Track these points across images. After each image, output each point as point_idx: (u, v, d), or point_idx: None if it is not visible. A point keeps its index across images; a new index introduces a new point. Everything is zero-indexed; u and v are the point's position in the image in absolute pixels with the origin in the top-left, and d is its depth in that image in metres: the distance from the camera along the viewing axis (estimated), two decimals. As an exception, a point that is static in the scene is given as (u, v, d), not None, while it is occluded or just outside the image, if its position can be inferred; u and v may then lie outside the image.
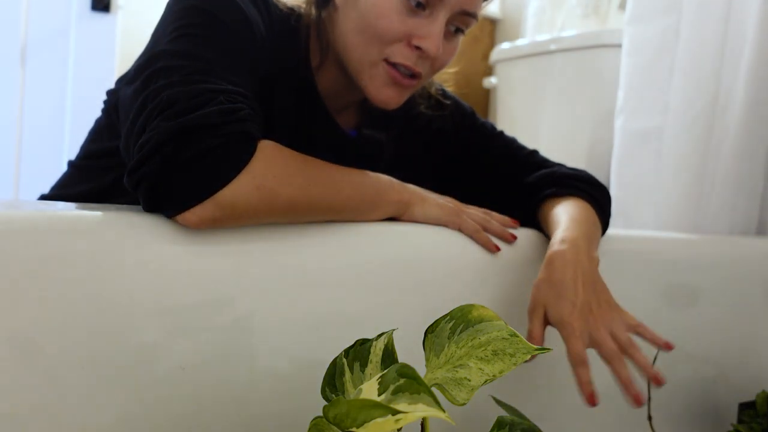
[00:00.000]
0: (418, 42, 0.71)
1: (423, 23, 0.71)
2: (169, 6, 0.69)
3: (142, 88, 0.61)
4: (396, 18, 0.70)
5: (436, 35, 0.71)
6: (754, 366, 1.04)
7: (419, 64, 0.74)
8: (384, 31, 0.71)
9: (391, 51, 0.72)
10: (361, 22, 0.72)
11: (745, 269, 1.05)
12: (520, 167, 0.89)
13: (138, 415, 0.55)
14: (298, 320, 0.63)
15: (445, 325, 0.49)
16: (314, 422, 0.44)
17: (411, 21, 0.71)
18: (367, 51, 0.73)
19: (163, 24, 0.67)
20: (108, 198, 0.79)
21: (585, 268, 0.69)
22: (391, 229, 0.72)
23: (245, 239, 0.61)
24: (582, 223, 0.76)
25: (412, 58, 0.73)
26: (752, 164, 1.13)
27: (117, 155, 0.69)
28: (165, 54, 0.63)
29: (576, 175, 0.86)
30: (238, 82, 0.63)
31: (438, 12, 0.71)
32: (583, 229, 0.74)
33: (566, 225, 0.74)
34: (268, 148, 0.60)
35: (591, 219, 0.79)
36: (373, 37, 0.72)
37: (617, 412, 0.90)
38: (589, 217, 0.79)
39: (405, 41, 0.72)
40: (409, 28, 0.71)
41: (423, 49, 0.71)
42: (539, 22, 1.90)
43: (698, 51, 1.12)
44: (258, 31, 0.70)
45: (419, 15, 0.71)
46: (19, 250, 0.50)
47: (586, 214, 0.78)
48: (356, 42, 0.73)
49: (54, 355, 0.51)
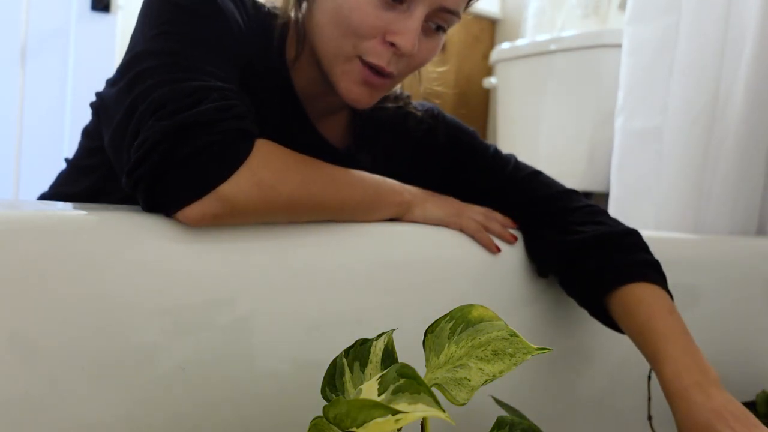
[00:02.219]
0: (392, 38, 0.68)
1: (399, 18, 0.68)
2: (145, 5, 0.67)
3: (127, 89, 0.60)
4: (371, 11, 0.67)
5: (411, 31, 0.68)
6: (754, 366, 1.04)
7: (393, 62, 0.70)
8: (358, 25, 0.68)
9: (365, 48, 0.69)
10: (336, 15, 0.69)
11: (745, 269, 1.05)
12: (518, 194, 0.83)
13: (138, 415, 0.55)
14: (298, 320, 0.63)
15: (445, 325, 0.48)
16: (314, 422, 0.44)
17: (386, 15, 0.68)
18: (340, 45, 0.70)
19: (140, 23, 0.66)
20: (100, 195, 0.79)
21: (728, 409, 0.61)
22: (391, 229, 0.72)
23: (245, 239, 0.61)
24: (682, 333, 0.68)
25: (386, 57, 0.69)
26: (752, 164, 1.13)
27: (102, 153, 0.69)
28: (147, 54, 0.62)
29: (622, 242, 0.77)
30: (226, 78, 0.62)
31: (415, 7, 0.68)
32: (687, 343, 0.67)
33: (672, 352, 0.66)
34: (265, 145, 0.60)
35: (678, 315, 0.70)
36: (347, 30, 0.68)
37: (617, 412, 0.90)
38: (675, 313, 0.70)
39: (379, 37, 0.69)
40: (384, 22, 0.68)
41: (397, 45, 0.68)
42: (539, 22, 1.90)
43: (698, 51, 1.12)
44: (236, 25, 0.69)
45: (396, 9, 0.68)
46: (19, 249, 0.50)
47: (671, 309, 0.70)
48: (330, 35, 0.70)
49: (54, 355, 0.51)
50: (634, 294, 0.72)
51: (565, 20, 1.83)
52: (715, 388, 0.62)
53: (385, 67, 0.70)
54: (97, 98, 0.77)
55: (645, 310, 0.70)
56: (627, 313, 0.72)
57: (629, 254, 0.75)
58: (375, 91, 0.73)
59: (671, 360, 0.65)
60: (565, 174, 1.62)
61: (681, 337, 0.67)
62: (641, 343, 0.70)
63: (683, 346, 0.66)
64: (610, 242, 0.76)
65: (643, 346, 0.69)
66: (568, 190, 0.84)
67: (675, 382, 0.64)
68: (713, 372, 0.64)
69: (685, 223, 1.14)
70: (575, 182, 1.61)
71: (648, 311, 0.70)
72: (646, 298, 0.71)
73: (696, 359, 0.65)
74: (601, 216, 0.80)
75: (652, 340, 0.68)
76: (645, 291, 0.72)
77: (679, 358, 0.65)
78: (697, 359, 0.65)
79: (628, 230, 0.79)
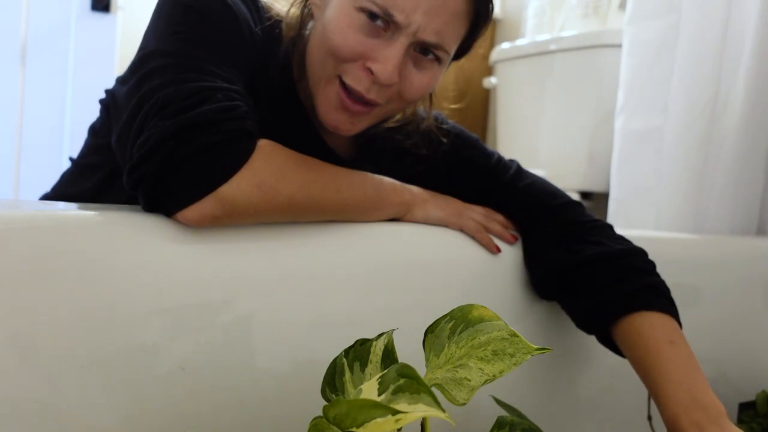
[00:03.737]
0: (371, 65, 0.66)
1: (381, 45, 0.66)
2: (158, 5, 0.68)
3: (136, 88, 0.61)
4: (352, 36, 0.66)
5: (390, 60, 0.66)
6: (754, 366, 1.04)
7: (372, 90, 0.68)
8: (338, 48, 0.67)
9: (345, 69, 0.68)
10: (322, 37, 0.68)
11: (745, 269, 1.05)
12: (519, 204, 0.81)
13: (138, 415, 0.55)
14: (298, 320, 0.63)
15: (445, 325, 0.48)
16: (314, 422, 0.44)
17: (369, 42, 0.66)
18: (323, 66, 0.69)
19: (153, 23, 0.67)
20: (104, 193, 0.79)
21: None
22: (391, 229, 0.72)
23: (245, 239, 0.61)
24: (682, 366, 0.65)
25: (365, 83, 0.68)
26: (752, 164, 1.13)
27: (109, 151, 0.69)
28: (157, 53, 0.62)
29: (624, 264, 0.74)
30: (232, 79, 0.62)
31: (398, 37, 0.66)
32: (687, 376, 0.64)
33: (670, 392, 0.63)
34: (267, 146, 0.60)
35: (680, 343, 0.67)
36: (328, 52, 0.68)
37: (617, 412, 0.90)
38: (677, 341, 0.67)
39: (360, 62, 0.67)
40: (365, 48, 0.66)
41: (375, 73, 0.66)
42: (539, 22, 1.90)
43: (698, 51, 1.12)
44: (247, 28, 0.69)
45: (379, 37, 0.66)
46: (19, 250, 0.50)
47: (671, 339, 0.67)
48: (317, 57, 0.70)
49: (54, 355, 0.51)
50: (632, 325, 0.69)
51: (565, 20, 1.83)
52: (714, 425, 0.60)
53: (365, 93, 0.68)
54: (107, 95, 0.77)
55: (643, 344, 0.68)
56: (627, 346, 0.70)
57: (631, 280, 0.72)
58: (356, 118, 0.71)
59: (668, 400, 0.63)
60: (565, 174, 1.62)
61: (679, 371, 0.64)
62: (643, 380, 0.68)
63: (680, 381, 0.64)
64: (611, 267, 0.74)
65: (645, 383, 0.67)
66: (571, 201, 0.81)
67: (674, 426, 0.62)
68: (715, 406, 0.62)
69: (685, 223, 1.14)
70: (575, 182, 1.61)
71: (645, 344, 0.67)
72: (645, 329, 0.68)
73: (695, 395, 0.62)
74: (604, 233, 0.78)
75: (650, 378, 0.66)
76: (644, 321, 0.69)
77: (677, 397, 0.63)
78: (696, 395, 0.62)
79: (630, 251, 0.75)
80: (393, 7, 0.65)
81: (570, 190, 1.54)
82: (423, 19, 0.66)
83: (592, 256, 0.74)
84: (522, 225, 0.81)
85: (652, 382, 0.66)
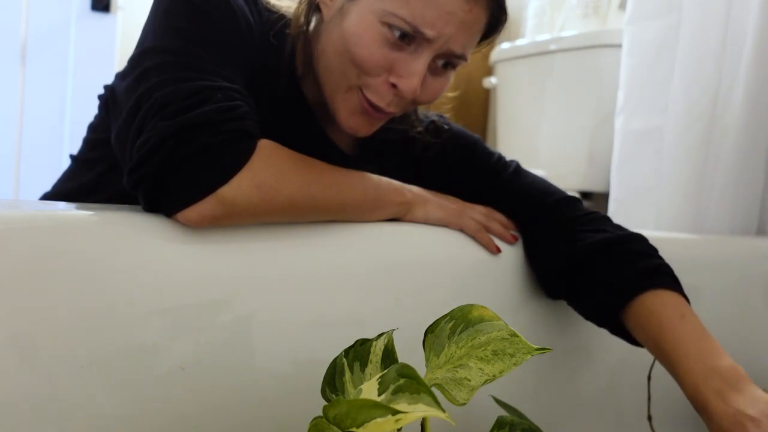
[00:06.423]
0: (396, 80, 0.67)
1: (405, 59, 0.66)
2: (156, 1, 0.67)
3: (134, 85, 0.60)
4: (377, 50, 0.66)
5: (415, 75, 0.66)
6: (754, 366, 1.04)
7: (393, 103, 0.69)
8: (363, 61, 0.66)
9: (367, 83, 0.68)
10: (342, 46, 0.67)
11: (745, 269, 1.05)
12: (519, 201, 0.82)
13: (138, 415, 0.55)
14: (298, 320, 0.63)
15: (445, 325, 0.48)
16: (314, 422, 0.44)
17: (393, 55, 0.66)
18: (344, 75, 0.69)
19: (152, 18, 0.66)
20: (102, 186, 0.78)
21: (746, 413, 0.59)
22: (391, 229, 0.72)
23: (245, 239, 0.61)
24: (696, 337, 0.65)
25: (387, 98, 0.68)
26: (752, 164, 1.13)
27: (107, 146, 0.68)
28: (155, 50, 0.62)
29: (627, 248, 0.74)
30: (232, 79, 0.62)
31: (423, 50, 0.66)
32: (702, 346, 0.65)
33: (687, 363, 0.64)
34: (267, 146, 0.60)
35: (690, 316, 0.68)
36: (351, 62, 0.67)
37: (617, 412, 0.90)
38: (688, 315, 0.68)
39: (383, 76, 0.67)
40: (389, 62, 0.66)
41: (399, 88, 0.67)
42: (539, 22, 1.90)
43: (698, 51, 1.12)
44: (246, 25, 0.68)
45: (403, 50, 0.66)
46: (19, 250, 0.50)
47: (682, 313, 0.68)
48: (334, 64, 0.69)
49: (54, 355, 0.51)
50: (643, 305, 0.69)
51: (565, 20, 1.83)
52: (734, 391, 0.60)
53: (385, 108, 0.69)
54: (106, 91, 0.77)
55: (656, 322, 0.68)
56: (640, 327, 0.70)
57: (635, 262, 0.73)
58: (374, 121, 0.72)
59: (687, 373, 0.63)
60: (565, 174, 1.62)
61: (694, 343, 0.65)
62: (659, 359, 0.68)
63: (697, 351, 0.64)
64: (615, 250, 0.74)
65: (661, 361, 0.67)
66: (569, 197, 0.82)
67: (695, 397, 0.62)
68: (734, 371, 0.62)
69: (685, 223, 1.14)
70: (575, 182, 1.61)
71: (658, 322, 0.67)
72: (656, 308, 0.69)
73: (712, 363, 0.62)
74: (604, 223, 0.79)
75: (666, 354, 0.66)
76: (654, 300, 0.69)
77: (695, 368, 0.63)
78: (713, 363, 0.63)
79: (632, 236, 0.76)
80: (423, 25, 0.65)
81: (570, 190, 1.53)
82: (452, 32, 0.66)
83: (594, 243, 0.75)
84: (522, 223, 0.81)
85: (668, 358, 0.66)
